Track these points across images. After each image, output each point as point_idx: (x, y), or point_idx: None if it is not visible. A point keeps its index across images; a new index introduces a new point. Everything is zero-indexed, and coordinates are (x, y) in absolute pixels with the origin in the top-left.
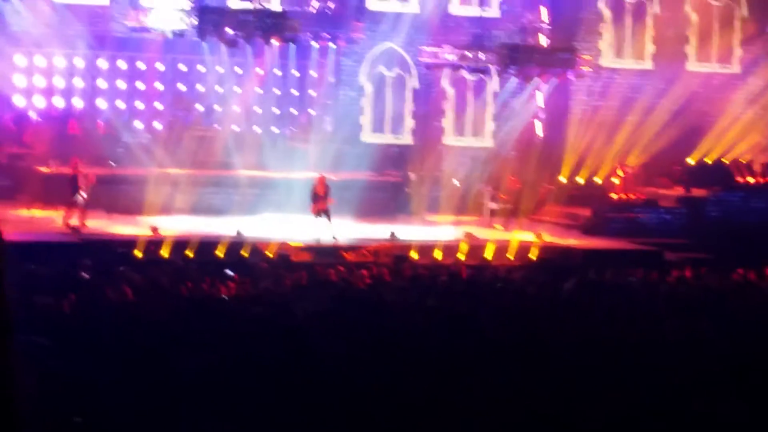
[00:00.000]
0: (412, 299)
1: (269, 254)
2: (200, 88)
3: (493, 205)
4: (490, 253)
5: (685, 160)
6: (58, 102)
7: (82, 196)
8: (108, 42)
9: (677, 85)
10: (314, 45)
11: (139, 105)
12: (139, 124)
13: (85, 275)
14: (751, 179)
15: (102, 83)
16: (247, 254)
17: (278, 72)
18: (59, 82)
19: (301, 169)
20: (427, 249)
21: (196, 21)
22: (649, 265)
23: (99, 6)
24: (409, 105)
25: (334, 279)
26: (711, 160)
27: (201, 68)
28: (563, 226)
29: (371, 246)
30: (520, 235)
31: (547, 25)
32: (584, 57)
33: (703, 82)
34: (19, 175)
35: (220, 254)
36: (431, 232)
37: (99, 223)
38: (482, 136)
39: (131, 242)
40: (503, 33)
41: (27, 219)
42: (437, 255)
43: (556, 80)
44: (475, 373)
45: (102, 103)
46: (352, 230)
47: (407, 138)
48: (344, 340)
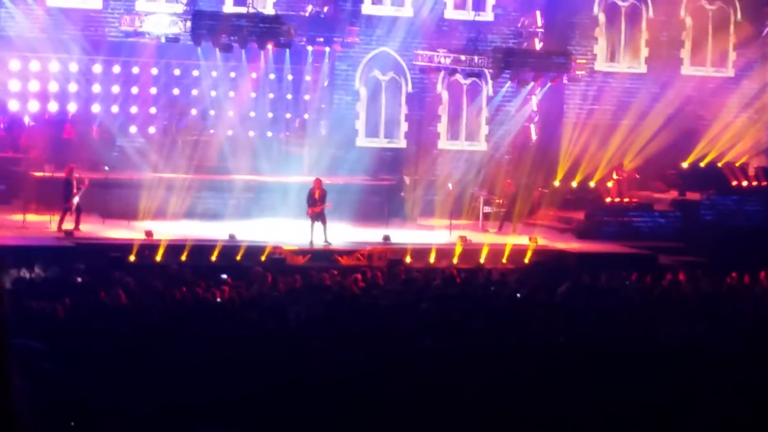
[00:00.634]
0: (406, 303)
1: (263, 258)
2: (194, 92)
3: (487, 208)
4: (483, 257)
5: (679, 164)
6: (53, 106)
7: (77, 201)
8: (102, 47)
9: (671, 89)
10: (309, 49)
11: (134, 109)
12: (133, 129)
13: (80, 279)
14: (745, 183)
15: (96, 88)
16: (242, 258)
17: (272, 76)
18: (54, 87)
19: (296, 173)
20: (421, 252)
21: (190, 26)
22: (643, 269)
23: (93, 11)
24: (404, 109)
25: (328, 283)
26: (705, 164)
27: (195, 73)
28: (557, 229)
29: (365, 250)
30: (514, 239)
31: (542, 29)
32: (579, 61)
33: (698, 86)
34: (13, 180)
35: (214, 258)
36: (425, 235)
37: (93, 228)
38: (476, 140)
39: (126, 246)
40: (498, 37)
41: (21, 223)
42: (431, 259)
43: (550, 84)
44: (468, 375)
45: (96, 108)
46: (347, 234)
47: (401, 142)
48: (338, 344)
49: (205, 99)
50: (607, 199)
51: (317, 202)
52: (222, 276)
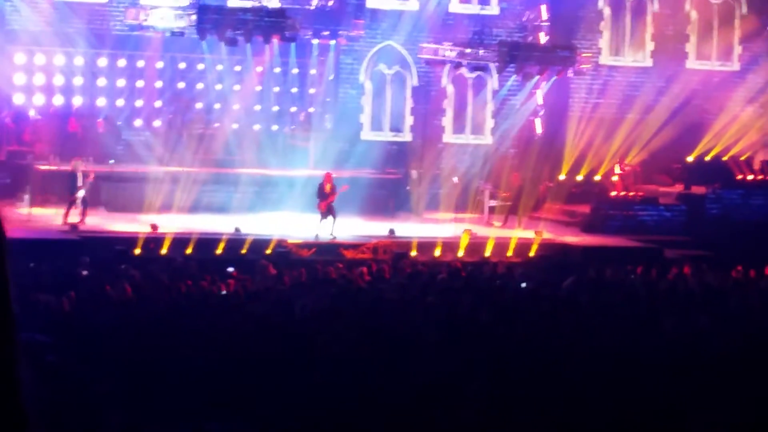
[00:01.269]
0: (411, 296)
1: (269, 251)
2: (200, 86)
3: (493, 202)
4: (489, 251)
5: (684, 158)
6: (58, 100)
7: (83, 194)
8: (108, 40)
9: (677, 83)
10: (314, 43)
11: (139, 103)
12: (138, 122)
13: (85, 272)
14: (750, 176)
15: (102, 81)
16: (247, 252)
17: (278, 70)
18: (59, 80)
19: (301, 166)
20: (426, 246)
21: (195, 20)
22: (648, 263)
23: (98, 4)
24: (409, 103)
25: (334, 276)
26: (710, 158)
27: (200, 66)
28: (562, 223)
29: (371, 243)
30: (519, 233)
31: (547, 23)
32: (584, 55)
33: (703, 80)
34: (19, 173)
35: (219, 252)
36: (430, 229)
37: (99, 221)
38: (482, 134)
39: (131, 240)
40: (503, 31)
41: (27, 216)
42: (436, 252)
43: (555, 78)
44: (474, 369)
45: (102, 101)
46: (352, 227)
47: (407, 136)
48: (343, 337)
49: (210, 92)
50: (612, 193)
51: (328, 196)
52: (228, 269)
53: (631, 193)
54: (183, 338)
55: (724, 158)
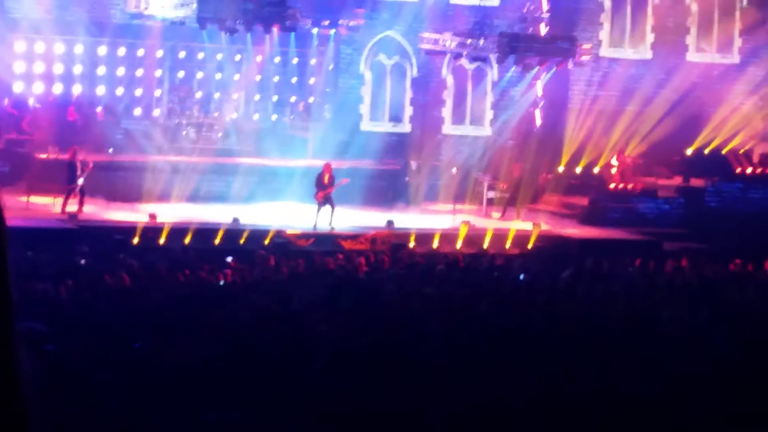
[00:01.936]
0: (409, 287)
1: (267, 242)
2: (199, 75)
3: (491, 193)
4: (487, 242)
5: (684, 150)
6: (58, 88)
7: (81, 183)
8: (108, 29)
9: (677, 75)
10: (314, 32)
11: (139, 92)
12: (138, 111)
13: (83, 261)
14: (749, 169)
15: (101, 70)
16: (245, 242)
17: (278, 59)
18: (59, 69)
19: (300, 156)
20: (424, 237)
21: (195, 9)
22: (646, 255)
23: None
24: (409, 94)
25: (332, 267)
26: (710, 150)
27: (200, 55)
28: (561, 215)
29: (369, 234)
30: (517, 224)
31: (547, 14)
32: (584, 46)
33: (703, 73)
34: (18, 162)
35: (217, 241)
36: (429, 220)
37: (97, 210)
38: (481, 125)
39: (129, 229)
40: (503, 22)
41: (25, 205)
42: (435, 243)
43: (555, 69)
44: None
45: (101, 90)
46: (351, 218)
47: (406, 126)
48: (341, 327)
49: (210, 82)
50: (611, 185)
51: (326, 186)
52: (227, 259)
53: (630, 186)
54: (181, 328)
55: (724, 151)
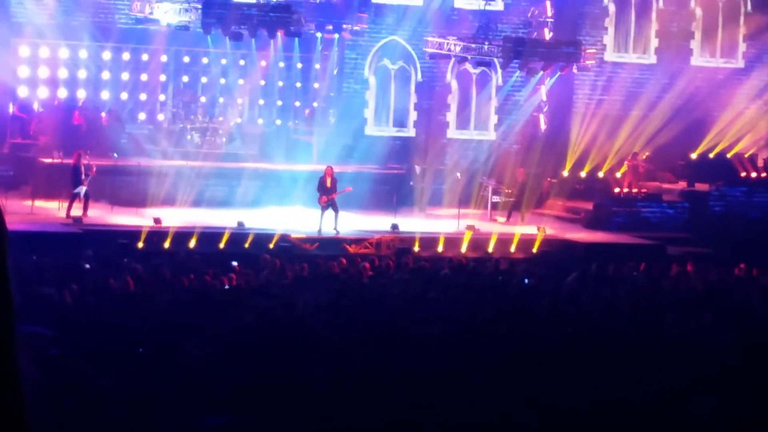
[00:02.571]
0: (413, 292)
1: (271, 246)
2: (204, 79)
3: (496, 198)
4: (492, 246)
5: (688, 155)
6: (62, 93)
7: (85, 187)
8: (112, 33)
9: (681, 80)
10: (318, 37)
11: (143, 96)
12: (142, 116)
13: (88, 266)
14: (754, 174)
15: (106, 74)
16: (250, 246)
17: (282, 64)
18: (63, 73)
19: (305, 161)
20: (429, 241)
21: (200, 14)
22: (651, 259)
23: None
24: (413, 98)
25: (336, 271)
26: (714, 155)
27: (205, 60)
28: (566, 219)
29: (373, 238)
30: (522, 229)
31: (552, 19)
32: (588, 51)
33: (707, 77)
34: (22, 166)
35: (222, 246)
36: (434, 224)
37: (102, 214)
38: (485, 130)
39: (134, 233)
40: (507, 27)
41: (30, 209)
42: (439, 248)
43: (560, 74)
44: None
45: (106, 95)
46: (355, 222)
47: (410, 131)
48: (345, 332)
49: (214, 86)
50: (615, 190)
51: (329, 190)
52: (232, 263)
53: (635, 190)
54: (185, 332)
55: (728, 155)
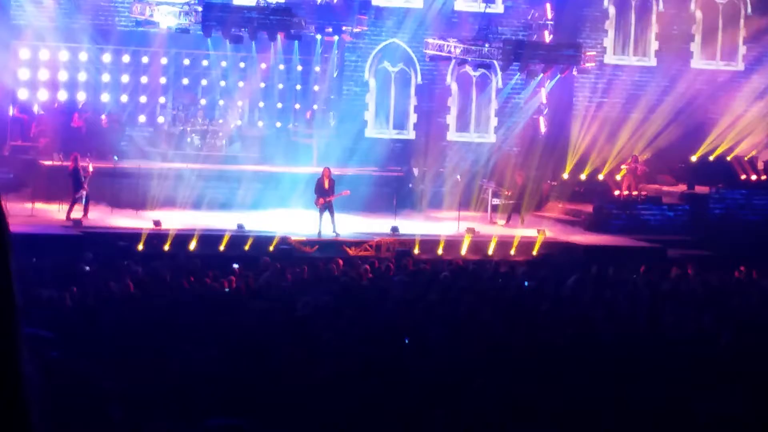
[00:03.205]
0: (413, 294)
1: (271, 248)
2: (204, 82)
3: (496, 200)
4: (492, 249)
5: (688, 157)
6: (62, 95)
7: (85, 190)
8: (112, 36)
9: (681, 83)
10: (318, 39)
11: (143, 99)
12: (142, 118)
13: (88, 268)
14: (754, 176)
15: (106, 77)
16: (250, 248)
17: (282, 67)
18: (63, 76)
19: (305, 164)
20: (429, 244)
21: (200, 16)
22: (651, 262)
23: (103, 0)
24: (413, 101)
25: (336, 273)
26: (714, 158)
27: (205, 62)
28: (566, 222)
29: (374, 241)
30: (522, 231)
31: (552, 22)
32: (588, 53)
33: (707, 80)
34: (22, 168)
35: (222, 248)
36: (434, 227)
37: (102, 217)
38: (485, 132)
39: (134, 236)
40: (508, 29)
41: (30, 212)
42: (439, 250)
43: (560, 76)
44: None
45: (106, 97)
46: (355, 225)
47: (411, 133)
48: (345, 335)
49: (214, 89)
50: (615, 192)
51: (327, 192)
52: (234, 265)
53: (635, 193)
54: (185, 335)
55: (728, 158)
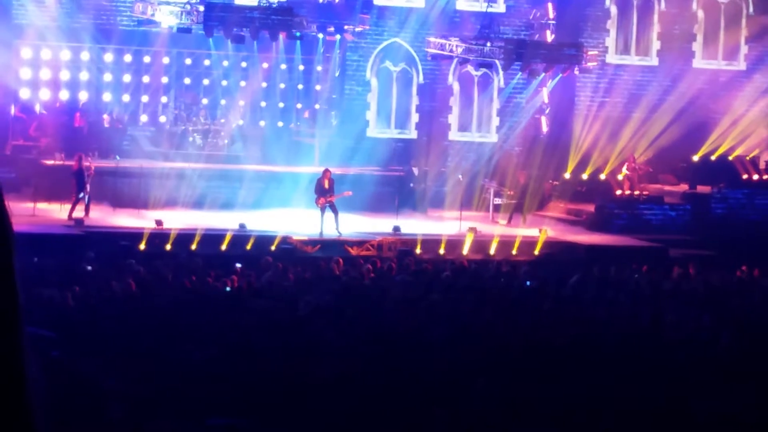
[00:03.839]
0: (415, 294)
1: (273, 248)
2: (206, 81)
3: (498, 200)
4: (494, 249)
5: (690, 157)
6: (64, 95)
7: (87, 189)
8: (114, 35)
9: (683, 82)
10: (320, 38)
11: (145, 98)
12: (144, 118)
13: (90, 267)
14: (755, 176)
15: (107, 76)
16: (252, 248)
17: (284, 66)
18: (65, 75)
19: (307, 163)
20: (431, 244)
21: (202, 16)
22: (653, 262)
23: None
24: (415, 100)
25: (338, 273)
26: (716, 157)
27: (207, 62)
28: (567, 221)
29: (375, 240)
30: (524, 231)
31: (553, 21)
32: (590, 53)
33: (709, 79)
34: (24, 168)
35: (224, 248)
36: (435, 226)
37: (104, 216)
38: (487, 132)
39: (136, 235)
40: (509, 29)
41: (32, 211)
42: (441, 250)
43: (561, 76)
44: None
45: (107, 97)
46: (357, 224)
47: (412, 133)
48: (347, 334)
49: (216, 88)
50: (617, 192)
51: (327, 192)
52: (237, 265)
53: (637, 192)
54: (187, 334)
55: (730, 158)
